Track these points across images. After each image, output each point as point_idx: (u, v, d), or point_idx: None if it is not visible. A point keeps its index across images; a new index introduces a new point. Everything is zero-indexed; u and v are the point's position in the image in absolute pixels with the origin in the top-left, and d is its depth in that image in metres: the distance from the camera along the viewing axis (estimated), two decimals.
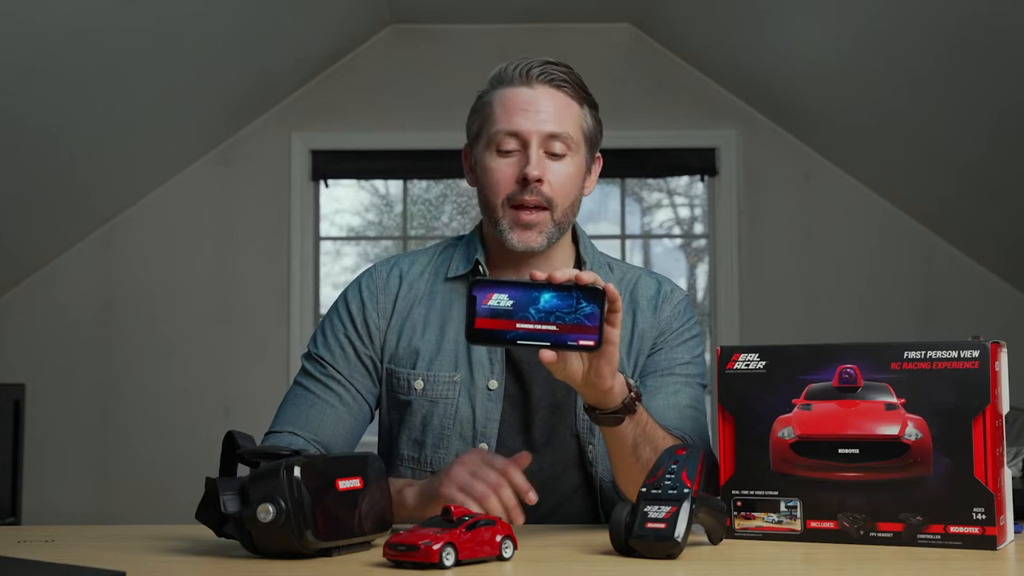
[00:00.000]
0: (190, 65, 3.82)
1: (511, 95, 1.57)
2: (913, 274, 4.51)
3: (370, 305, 1.65)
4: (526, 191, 1.54)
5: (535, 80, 1.57)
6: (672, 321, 1.65)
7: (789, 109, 4.44)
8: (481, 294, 1.25)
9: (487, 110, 1.60)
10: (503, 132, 1.56)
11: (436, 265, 1.68)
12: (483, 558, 1.15)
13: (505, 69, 1.59)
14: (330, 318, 1.67)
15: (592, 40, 4.57)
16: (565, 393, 1.60)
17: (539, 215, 1.55)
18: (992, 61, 3.34)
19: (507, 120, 1.56)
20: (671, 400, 1.58)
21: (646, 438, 1.41)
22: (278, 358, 4.50)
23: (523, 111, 1.55)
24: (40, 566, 1.16)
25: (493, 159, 1.57)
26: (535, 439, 1.60)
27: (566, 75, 1.58)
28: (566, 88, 1.58)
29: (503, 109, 1.57)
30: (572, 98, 1.59)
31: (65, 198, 4.15)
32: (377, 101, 4.57)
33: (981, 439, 1.23)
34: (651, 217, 4.88)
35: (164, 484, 4.33)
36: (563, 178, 1.57)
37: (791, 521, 1.31)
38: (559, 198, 1.56)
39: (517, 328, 1.24)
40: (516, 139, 1.56)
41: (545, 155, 1.56)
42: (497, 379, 1.60)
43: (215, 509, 1.19)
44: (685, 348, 1.64)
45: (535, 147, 1.55)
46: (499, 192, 1.56)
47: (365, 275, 1.69)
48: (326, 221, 4.74)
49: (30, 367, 4.42)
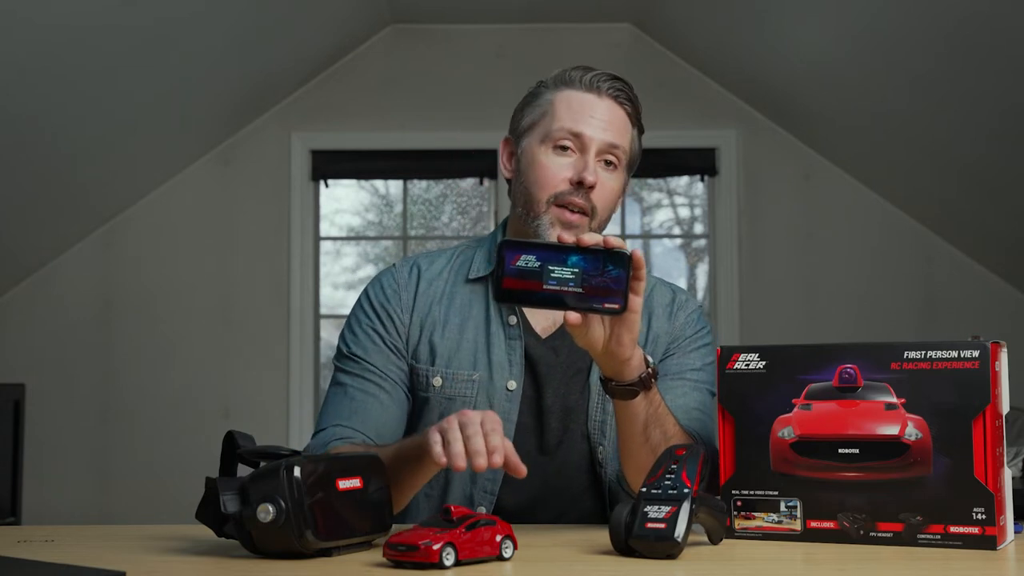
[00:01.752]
0: (190, 65, 3.82)
1: (577, 98, 1.59)
2: (913, 274, 4.51)
3: (393, 299, 1.65)
4: (577, 193, 1.55)
5: (604, 91, 1.59)
6: (686, 328, 1.66)
7: (789, 109, 4.44)
8: (510, 254, 1.27)
9: (547, 106, 1.60)
10: (566, 130, 1.57)
11: (456, 266, 1.68)
12: (483, 558, 1.15)
13: (570, 73, 1.61)
14: (355, 315, 1.67)
15: (592, 40, 4.57)
16: (578, 395, 1.61)
17: (581, 219, 1.57)
18: (992, 61, 3.35)
19: (572, 120, 1.57)
20: (679, 402, 1.58)
21: (658, 419, 1.42)
22: (278, 358, 4.50)
23: (588, 116, 1.57)
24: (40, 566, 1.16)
25: (548, 154, 1.58)
26: (548, 441, 1.61)
27: (630, 94, 1.61)
28: (627, 107, 1.61)
29: (568, 109, 1.58)
30: (630, 117, 1.62)
31: (65, 198, 4.15)
32: (377, 101, 4.57)
33: (981, 439, 1.23)
34: (651, 217, 4.88)
35: (164, 484, 4.32)
36: (610, 190, 1.59)
37: (791, 521, 1.31)
38: (602, 208, 1.58)
39: (544, 289, 1.27)
40: (577, 141, 1.57)
41: (599, 163, 1.57)
42: (516, 380, 1.60)
43: (215, 509, 1.19)
44: (697, 355, 1.65)
45: (593, 153, 1.57)
46: (548, 188, 1.57)
47: (385, 273, 1.70)
48: (326, 221, 4.74)
49: (30, 367, 4.42)
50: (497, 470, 1.58)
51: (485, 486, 1.59)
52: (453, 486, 1.60)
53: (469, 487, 1.60)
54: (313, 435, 1.61)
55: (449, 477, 1.60)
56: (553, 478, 1.60)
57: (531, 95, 1.64)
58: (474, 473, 1.58)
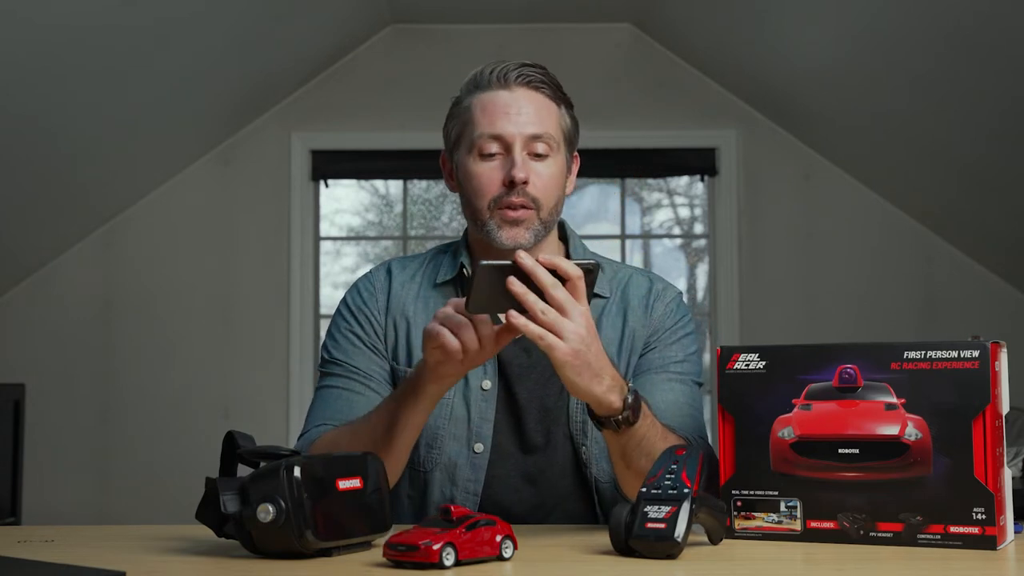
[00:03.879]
0: (190, 65, 3.82)
1: (490, 99, 1.57)
2: (913, 274, 4.51)
3: (370, 302, 1.67)
4: (512, 193, 1.55)
5: (513, 83, 1.57)
6: (665, 319, 1.65)
7: (789, 109, 4.44)
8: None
9: (466, 115, 1.59)
10: (486, 136, 1.56)
11: (426, 271, 1.70)
12: (483, 558, 1.15)
13: (481, 73, 1.60)
14: (335, 322, 1.69)
15: (592, 40, 4.57)
16: (556, 397, 1.61)
17: (526, 212, 1.56)
18: (992, 61, 3.34)
19: (489, 124, 1.56)
20: (668, 398, 1.58)
21: (641, 449, 1.41)
22: (278, 358, 4.50)
23: (504, 114, 1.56)
24: (40, 566, 1.16)
25: (476, 163, 1.57)
26: (529, 441, 1.61)
27: (543, 76, 1.59)
28: (544, 89, 1.59)
29: (483, 113, 1.57)
30: (550, 99, 1.59)
31: (65, 198, 4.15)
32: (377, 101, 4.57)
33: (981, 439, 1.23)
34: (651, 217, 4.88)
35: (164, 484, 4.32)
36: (547, 178, 1.57)
37: (791, 521, 1.31)
38: (544, 198, 1.57)
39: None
40: (499, 142, 1.56)
41: (528, 156, 1.56)
42: (490, 379, 1.61)
43: (215, 509, 1.19)
44: (679, 346, 1.64)
45: (519, 149, 1.55)
46: (485, 196, 1.57)
47: (362, 279, 1.72)
48: (326, 221, 4.74)
49: (30, 367, 4.42)
50: (478, 469, 1.58)
51: (467, 487, 1.59)
52: (432, 487, 1.60)
53: (450, 488, 1.59)
54: (299, 436, 1.61)
55: (428, 479, 1.60)
56: (537, 477, 1.60)
57: (453, 106, 1.64)
58: (455, 474, 1.59)
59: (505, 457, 1.60)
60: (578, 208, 4.76)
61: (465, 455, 1.59)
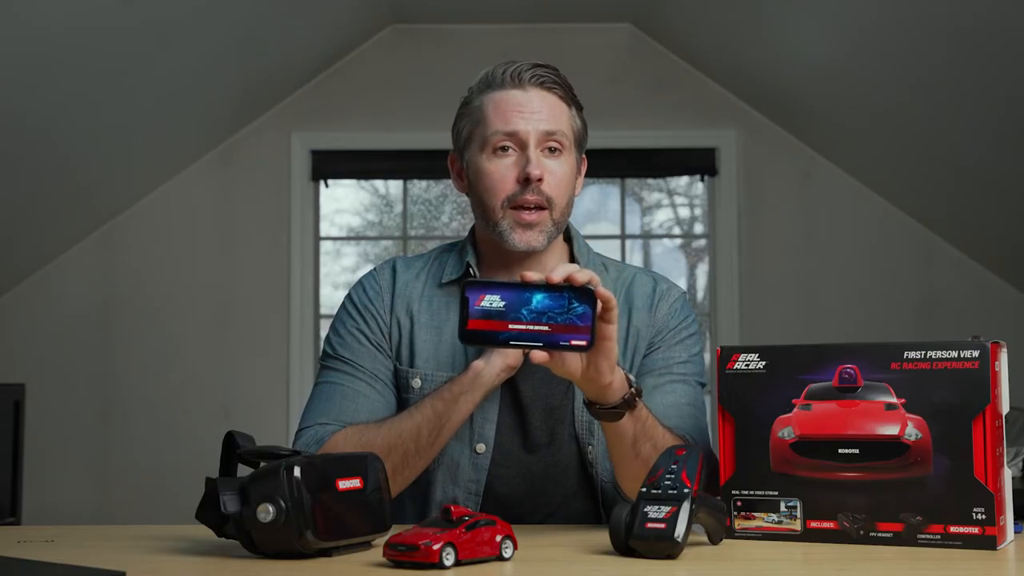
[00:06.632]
0: (190, 65, 3.82)
1: (503, 98, 1.57)
2: (913, 274, 4.51)
3: (376, 300, 1.66)
4: (527, 190, 1.54)
5: (527, 83, 1.57)
6: (669, 320, 1.65)
7: (789, 109, 4.44)
8: (473, 295, 1.26)
9: (478, 114, 1.59)
10: (500, 133, 1.56)
11: (431, 270, 1.69)
12: (483, 558, 1.15)
13: (493, 73, 1.60)
14: (340, 318, 1.68)
15: (592, 40, 4.57)
16: (562, 396, 1.61)
17: (539, 215, 1.56)
18: (992, 61, 3.34)
19: (503, 122, 1.56)
20: (669, 399, 1.58)
21: (646, 435, 1.42)
22: (278, 358, 4.50)
23: (518, 112, 1.56)
24: (40, 566, 1.16)
25: (490, 161, 1.57)
26: (533, 440, 1.60)
27: (556, 77, 1.59)
28: (556, 90, 1.59)
29: (497, 111, 1.57)
30: (562, 99, 1.60)
31: (65, 198, 4.15)
32: (377, 101, 4.57)
33: (981, 439, 1.23)
34: (651, 217, 4.88)
35: (164, 484, 4.32)
36: (560, 176, 1.57)
37: (791, 521, 1.31)
38: (557, 196, 1.57)
39: (509, 329, 1.26)
40: (513, 140, 1.56)
41: (542, 153, 1.56)
42: None
43: (215, 509, 1.19)
44: (682, 347, 1.64)
45: (533, 146, 1.55)
46: (499, 193, 1.56)
47: (366, 276, 1.71)
48: (326, 221, 4.74)
49: (30, 367, 4.42)
50: (480, 470, 1.58)
51: (469, 487, 1.59)
52: (434, 487, 1.60)
53: (452, 488, 1.59)
54: (297, 433, 1.60)
55: (430, 479, 1.60)
56: (540, 477, 1.60)
57: (462, 105, 1.64)
58: (457, 474, 1.59)
59: (508, 456, 1.60)
60: (578, 208, 4.68)
61: (467, 455, 1.59)
